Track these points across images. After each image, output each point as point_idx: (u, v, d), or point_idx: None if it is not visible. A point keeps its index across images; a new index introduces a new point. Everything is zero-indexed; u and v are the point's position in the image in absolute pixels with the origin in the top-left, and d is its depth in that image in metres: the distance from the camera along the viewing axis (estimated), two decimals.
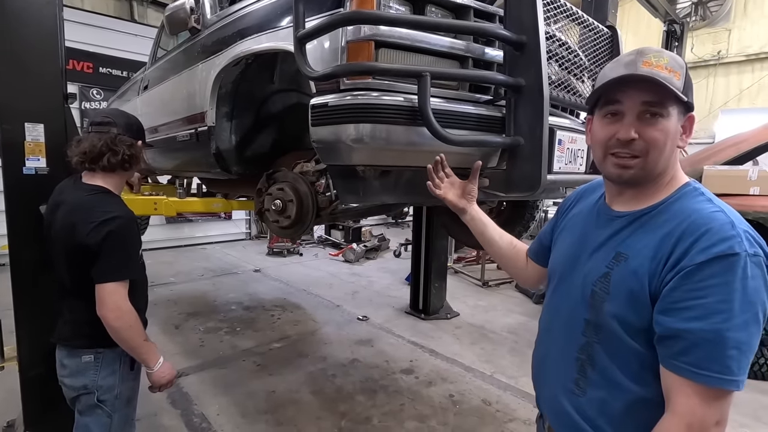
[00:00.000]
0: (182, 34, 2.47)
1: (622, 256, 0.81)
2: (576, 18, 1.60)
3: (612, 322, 0.80)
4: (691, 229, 0.73)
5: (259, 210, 1.92)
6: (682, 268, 0.71)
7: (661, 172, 0.82)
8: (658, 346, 0.74)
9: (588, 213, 0.97)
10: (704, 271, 0.69)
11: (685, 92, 0.77)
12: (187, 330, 3.92)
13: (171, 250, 7.37)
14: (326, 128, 1.31)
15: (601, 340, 0.83)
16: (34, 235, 1.98)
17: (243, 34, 1.81)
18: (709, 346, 0.68)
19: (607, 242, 0.86)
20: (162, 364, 1.48)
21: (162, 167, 3.16)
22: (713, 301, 0.68)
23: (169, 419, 2.54)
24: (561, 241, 1.03)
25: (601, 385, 0.83)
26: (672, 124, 0.79)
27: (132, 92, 3.43)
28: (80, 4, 6.58)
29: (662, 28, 6.99)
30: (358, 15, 1.22)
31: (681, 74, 0.77)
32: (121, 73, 6.59)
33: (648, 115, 0.78)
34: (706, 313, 0.68)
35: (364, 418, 2.61)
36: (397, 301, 4.83)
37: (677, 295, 0.71)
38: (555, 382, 0.94)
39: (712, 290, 0.68)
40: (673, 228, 0.75)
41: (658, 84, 0.76)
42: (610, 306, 0.80)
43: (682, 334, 0.70)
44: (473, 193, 1.25)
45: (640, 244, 0.79)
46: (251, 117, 2.16)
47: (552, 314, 1.00)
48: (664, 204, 0.81)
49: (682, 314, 0.70)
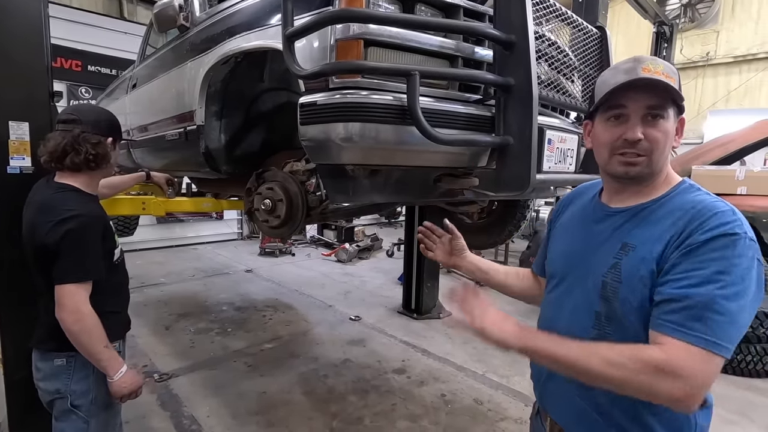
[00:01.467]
0: (171, 31, 2.44)
1: (629, 246, 0.86)
2: (565, 18, 1.61)
3: (626, 309, 0.84)
4: (699, 215, 0.79)
5: (249, 209, 1.90)
6: (687, 245, 0.77)
7: (660, 170, 0.89)
8: (653, 312, 0.79)
9: (584, 213, 1.02)
10: (707, 246, 0.76)
11: (680, 96, 0.85)
12: (178, 331, 3.88)
13: (162, 250, 7.29)
14: (315, 127, 1.30)
15: (614, 330, 0.86)
16: (19, 235, 1.95)
17: (232, 32, 1.79)
18: (699, 308, 0.73)
19: (612, 236, 0.91)
20: (123, 373, 1.41)
21: (151, 166, 3.12)
22: (711, 272, 0.74)
23: (159, 421, 2.51)
24: (557, 243, 1.07)
25: None
26: (670, 126, 0.86)
27: (120, 90, 3.39)
28: (68, 1, 6.49)
29: (652, 30, 7.07)
30: (347, 13, 1.21)
31: (676, 80, 0.84)
32: (110, 72, 6.51)
33: (650, 117, 0.85)
34: (702, 281, 0.74)
35: (356, 418, 2.60)
36: (390, 301, 4.82)
37: (679, 268, 0.77)
38: (563, 377, 0.93)
39: (711, 263, 0.75)
40: (679, 216, 0.82)
41: (663, 88, 0.83)
42: (623, 292, 0.84)
43: (677, 298, 0.75)
44: (460, 247, 1.33)
45: (647, 233, 0.84)
46: (241, 116, 2.14)
47: (554, 311, 1.01)
48: (666, 198, 0.87)
49: (680, 282, 0.76)
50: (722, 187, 4.41)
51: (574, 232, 1.02)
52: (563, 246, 1.05)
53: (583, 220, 1.01)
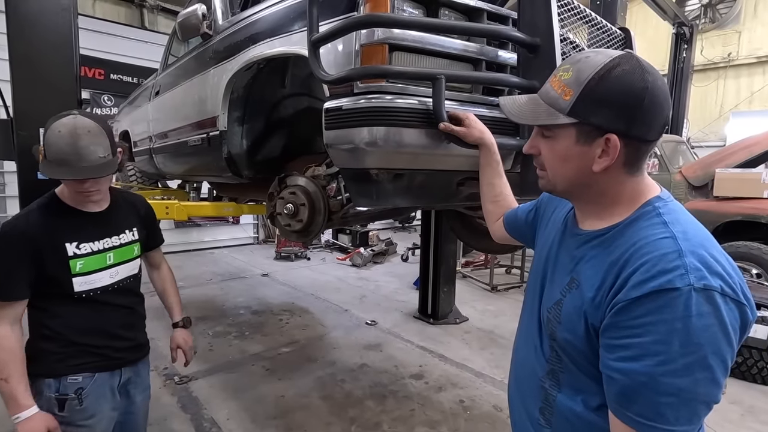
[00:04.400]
0: (193, 40, 2.49)
1: (575, 282, 0.75)
2: (590, 20, 1.59)
3: (568, 351, 0.75)
4: (633, 258, 0.66)
5: (271, 214, 1.92)
6: (617, 302, 0.64)
7: (586, 194, 0.76)
8: (603, 383, 0.69)
9: (558, 225, 0.90)
10: (640, 307, 0.62)
11: (578, 112, 0.69)
12: (197, 334, 3.92)
13: (179, 254, 7.40)
14: (340, 131, 1.31)
15: (564, 368, 0.78)
16: None
17: (255, 39, 1.82)
18: (643, 390, 0.61)
19: (566, 264, 0.80)
20: (29, 418, 1.16)
21: (172, 172, 3.18)
22: (648, 341, 0.61)
23: (179, 424, 2.53)
24: (537, 252, 0.96)
25: (567, 417, 0.77)
26: (563, 147, 0.73)
27: (143, 98, 3.47)
28: (92, 11, 6.69)
29: (671, 31, 6.96)
30: (372, 18, 1.21)
31: (574, 92, 0.69)
32: (132, 80, 6.67)
33: (541, 135, 0.78)
34: (640, 353, 0.61)
35: (374, 423, 2.59)
36: (405, 306, 4.80)
37: (614, 331, 0.65)
38: (522, 408, 0.89)
39: (647, 328, 0.61)
40: (618, 256, 0.68)
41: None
42: (562, 335, 0.75)
43: (617, 374, 0.64)
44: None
45: (591, 271, 0.73)
46: (262, 121, 2.17)
47: (522, 335, 0.94)
48: (619, 226, 0.73)
49: (618, 352, 0.64)
50: (747, 190, 4.30)
51: (546, 244, 0.91)
52: (536, 257, 0.94)
53: (555, 233, 0.89)
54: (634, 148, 0.69)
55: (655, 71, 0.69)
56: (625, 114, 0.67)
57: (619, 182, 0.73)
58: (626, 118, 0.67)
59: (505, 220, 1.15)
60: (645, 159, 0.73)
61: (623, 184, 0.73)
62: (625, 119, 0.67)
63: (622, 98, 0.66)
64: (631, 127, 0.67)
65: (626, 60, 0.68)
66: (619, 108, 0.67)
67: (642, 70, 0.67)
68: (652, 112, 0.67)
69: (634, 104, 0.66)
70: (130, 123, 3.82)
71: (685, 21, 6.67)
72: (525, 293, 0.96)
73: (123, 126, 4.05)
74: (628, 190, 0.74)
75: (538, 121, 0.75)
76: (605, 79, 0.67)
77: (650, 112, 0.67)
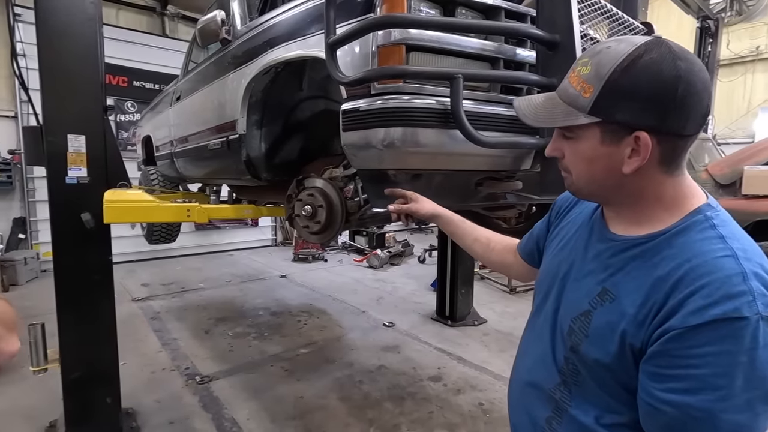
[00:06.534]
0: (212, 46, 2.54)
1: (609, 294, 0.67)
2: (611, 15, 1.56)
3: (592, 367, 0.69)
4: (690, 278, 0.58)
5: (290, 216, 1.94)
6: (671, 327, 0.57)
7: (617, 198, 0.70)
8: (641, 413, 0.63)
9: (582, 224, 0.82)
10: (699, 336, 0.55)
11: (601, 110, 0.62)
12: (217, 335, 3.99)
13: (199, 256, 7.56)
14: (357, 133, 1.31)
15: (578, 381, 0.72)
16: (76, 242, 2.07)
17: (273, 43, 1.84)
18: (696, 425, 0.56)
19: (596, 271, 0.72)
20: None
21: (193, 175, 3.25)
22: (708, 374, 0.54)
23: (201, 423, 2.58)
24: (551, 251, 0.89)
25: (574, 430, 0.73)
26: (584, 146, 0.67)
27: (164, 104, 3.55)
28: (115, 21, 6.89)
29: (695, 25, 6.77)
30: (389, 19, 1.22)
31: (594, 89, 0.62)
32: (154, 86, 6.84)
33: (562, 136, 0.71)
34: (698, 386, 0.55)
35: (393, 425, 2.58)
36: (423, 308, 4.78)
37: (665, 360, 0.58)
38: (525, 414, 0.84)
39: (707, 359, 0.54)
40: (669, 271, 0.60)
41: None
42: (587, 350, 0.68)
43: (665, 406, 0.58)
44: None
45: (632, 284, 0.65)
46: (280, 124, 2.19)
47: (531, 339, 0.87)
48: (666, 234, 0.64)
49: (669, 383, 0.58)
50: None
51: (567, 245, 0.83)
52: (552, 259, 0.85)
53: (578, 234, 0.82)
54: (670, 144, 0.62)
55: (690, 56, 0.61)
56: (656, 108, 0.60)
57: (657, 183, 0.65)
58: (658, 112, 0.60)
59: (521, 253, 1.02)
60: (684, 156, 0.65)
61: (662, 185, 0.66)
62: (656, 113, 0.60)
63: (651, 90, 0.59)
64: (665, 122, 0.60)
65: (654, 46, 0.60)
66: (649, 101, 0.60)
67: (673, 57, 0.59)
68: (689, 103, 0.59)
69: (665, 96, 0.59)
70: (152, 128, 3.92)
71: (710, 14, 6.48)
72: (535, 294, 0.88)
73: (145, 131, 4.16)
74: (670, 192, 0.66)
75: (555, 122, 0.69)
76: (630, 71, 0.60)
77: (686, 103, 0.59)
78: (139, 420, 2.53)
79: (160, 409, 2.68)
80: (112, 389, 2.28)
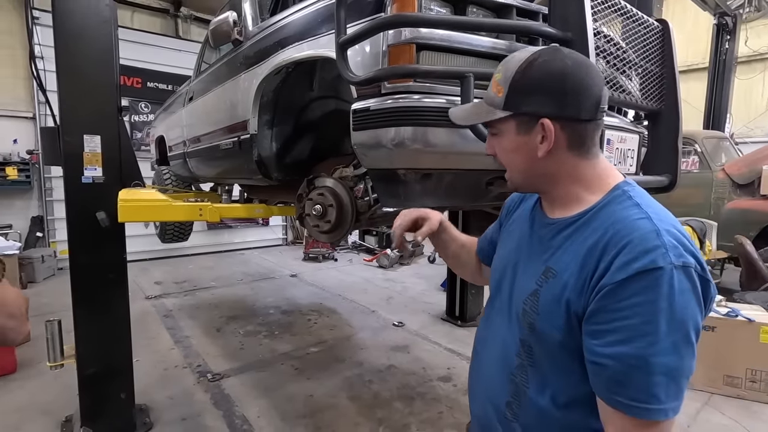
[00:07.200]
0: (224, 46, 2.56)
1: (551, 271, 0.74)
2: (625, 12, 1.53)
3: (543, 343, 0.75)
4: (614, 240, 0.66)
5: (300, 215, 1.95)
6: (603, 286, 0.65)
7: (544, 184, 0.79)
8: (589, 373, 0.68)
9: (525, 218, 0.90)
10: (626, 289, 0.62)
11: (511, 104, 0.73)
12: (228, 333, 4.03)
13: (212, 255, 7.64)
14: (368, 132, 1.31)
15: (534, 362, 0.77)
16: (92, 240, 2.10)
17: (284, 43, 1.85)
18: (634, 372, 0.62)
19: (539, 254, 0.79)
20: None
21: (205, 175, 3.28)
22: (637, 323, 0.61)
23: (212, 420, 2.60)
24: (500, 247, 0.96)
25: (534, 412, 0.77)
26: (508, 141, 0.77)
27: (177, 104, 3.60)
28: (130, 23, 7.00)
29: (712, 22, 6.62)
30: (400, 18, 1.21)
31: (504, 88, 0.73)
32: (167, 87, 6.93)
33: (491, 135, 0.81)
34: (630, 336, 0.62)
35: (402, 425, 2.58)
36: (433, 308, 4.77)
37: (601, 316, 0.65)
38: (487, 401, 0.87)
39: (635, 310, 0.62)
40: (597, 239, 0.69)
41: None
42: (540, 325, 0.74)
43: (607, 360, 0.64)
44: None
45: (568, 257, 0.72)
46: (291, 124, 2.21)
47: (488, 327, 0.93)
48: (592, 211, 0.73)
49: (606, 337, 0.64)
50: None
51: (513, 238, 0.91)
52: (501, 253, 0.93)
53: (522, 226, 0.90)
54: (571, 129, 0.72)
55: (579, 57, 0.74)
56: (551, 98, 0.71)
57: (571, 165, 0.75)
58: (554, 102, 0.71)
59: (479, 255, 1.10)
60: (591, 140, 0.74)
61: (577, 168, 0.75)
62: (553, 102, 0.71)
63: (545, 84, 0.71)
64: (562, 109, 0.71)
65: (548, 51, 0.73)
66: (545, 93, 0.71)
67: (562, 56, 0.72)
68: (578, 92, 0.70)
69: (557, 87, 0.70)
70: (165, 129, 3.97)
71: (728, 10, 6.33)
72: (490, 286, 0.95)
73: (159, 132, 4.22)
74: (588, 173, 0.76)
75: (480, 118, 0.81)
76: (528, 71, 0.72)
77: (575, 92, 0.70)
78: (152, 416, 2.57)
79: (172, 406, 2.72)
80: (126, 385, 2.32)
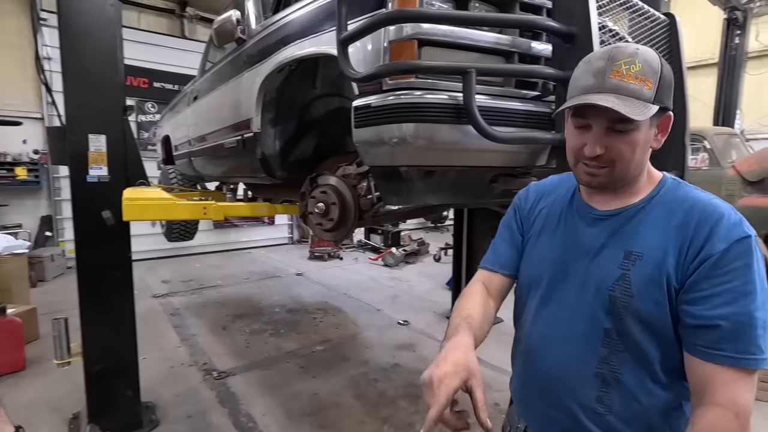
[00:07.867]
0: (228, 45, 2.56)
1: (635, 254, 0.78)
2: (631, 6, 1.51)
3: (640, 325, 0.77)
4: (703, 218, 0.74)
5: (303, 213, 1.95)
6: (706, 256, 0.71)
7: (635, 175, 0.81)
8: (690, 338, 0.73)
9: (564, 212, 0.90)
10: (727, 257, 0.70)
11: (659, 98, 0.74)
12: (234, 331, 4.05)
13: (219, 254, 7.68)
14: (369, 129, 1.30)
15: (627, 348, 0.78)
16: (97, 238, 2.12)
17: (286, 41, 1.84)
18: (743, 328, 0.68)
19: (608, 242, 0.82)
20: None
21: (210, 173, 3.30)
22: (739, 284, 0.69)
23: (218, 417, 2.62)
24: (539, 244, 0.93)
25: (630, 398, 0.78)
26: (641, 134, 0.77)
27: (183, 104, 3.61)
28: (137, 23, 7.05)
29: (722, 16, 6.52)
30: (401, 13, 1.20)
31: (654, 81, 0.74)
32: (173, 87, 6.97)
33: (614, 131, 0.76)
34: (735, 296, 0.69)
35: (407, 424, 2.57)
36: (438, 306, 4.75)
37: (705, 283, 0.71)
38: (566, 402, 0.84)
39: (736, 273, 0.69)
40: (682, 219, 0.75)
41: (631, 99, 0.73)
42: (636, 306, 0.76)
43: (716, 320, 0.69)
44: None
45: (650, 239, 0.77)
46: (294, 122, 2.20)
47: (550, 327, 0.89)
48: (655, 197, 0.81)
49: (712, 301, 0.70)
50: None
51: (556, 234, 0.89)
52: (546, 250, 0.91)
53: (565, 221, 0.89)
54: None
55: None
56: (671, 91, 0.77)
57: (644, 160, 0.80)
58: (671, 95, 0.78)
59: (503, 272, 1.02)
60: None
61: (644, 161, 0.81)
62: (671, 96, 0.78)
63: (670, 78, 0.76)
64: (670, 101, 0.77)
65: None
66: (670, 86, 0.77)
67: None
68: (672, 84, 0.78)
69: (672, 80, 0.77)
70: (171, 128, 4.00)
71: (738, 5, 6.23)
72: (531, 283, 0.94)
73: (164, 131, 4.24)
74: (648, 163, 0.82)
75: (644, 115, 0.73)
76: (665, 64, 0.76)
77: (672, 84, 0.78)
78: (158, 413, 2.58)
79: (178, 403, 2.74)
80: (132, 382, 2.33)
